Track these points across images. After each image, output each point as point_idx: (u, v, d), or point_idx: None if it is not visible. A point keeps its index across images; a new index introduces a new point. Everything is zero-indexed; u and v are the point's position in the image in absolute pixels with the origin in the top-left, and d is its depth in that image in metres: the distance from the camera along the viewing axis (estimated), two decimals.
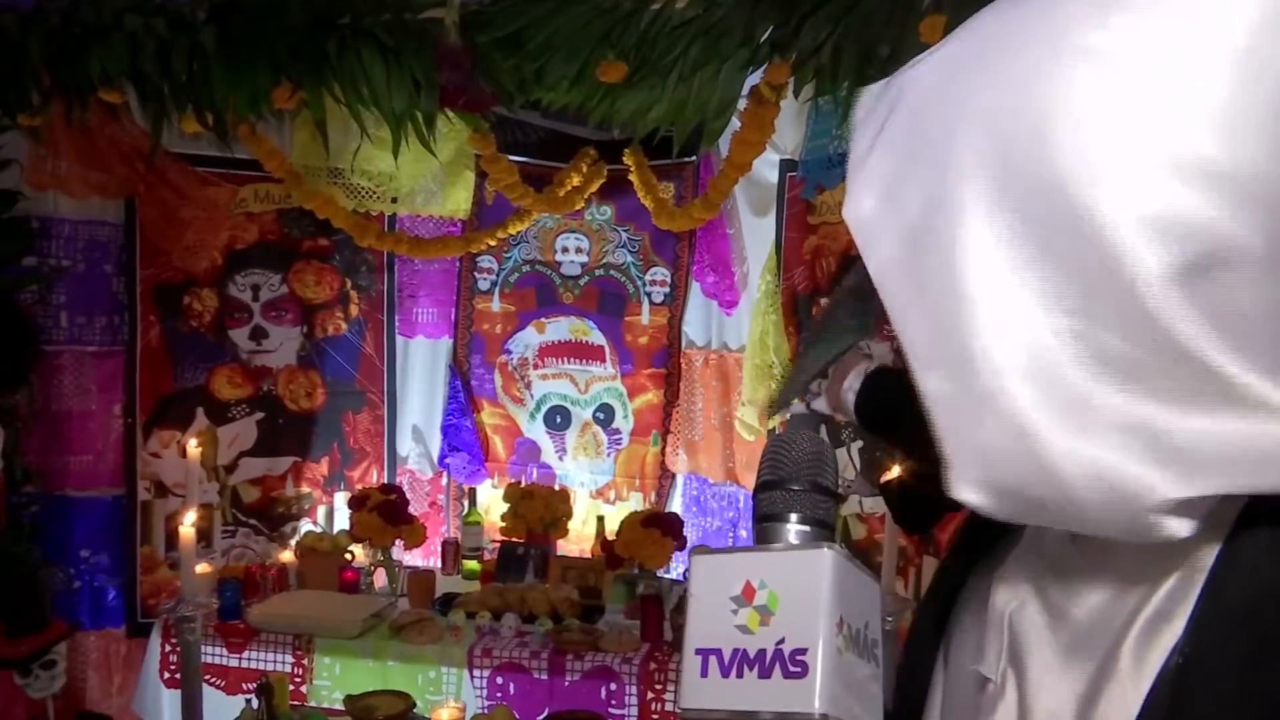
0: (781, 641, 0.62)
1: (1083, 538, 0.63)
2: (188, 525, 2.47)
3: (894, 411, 1.41)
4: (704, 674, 0.64)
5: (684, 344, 3.68)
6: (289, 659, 2.80)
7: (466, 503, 3.66)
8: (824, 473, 0.70)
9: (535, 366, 3.87)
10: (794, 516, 0.68)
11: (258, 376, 3.48)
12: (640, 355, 3.76)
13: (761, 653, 0.63)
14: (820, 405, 1.56)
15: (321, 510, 3.62)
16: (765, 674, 0.62)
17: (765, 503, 0.70)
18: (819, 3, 2.09)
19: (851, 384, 1.47)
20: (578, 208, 3.53)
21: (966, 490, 0.58)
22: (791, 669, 0.62)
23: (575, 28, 2.26)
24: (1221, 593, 0.55)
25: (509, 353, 3.87)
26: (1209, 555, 0.56)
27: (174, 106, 2.50)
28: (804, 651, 0.61)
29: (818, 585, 0.63)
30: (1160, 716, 0.55)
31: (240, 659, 2.83)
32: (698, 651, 0.65)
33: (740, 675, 0.63)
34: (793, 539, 0.68)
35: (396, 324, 3.76)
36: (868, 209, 0.60)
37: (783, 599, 0.63)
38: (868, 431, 1.55)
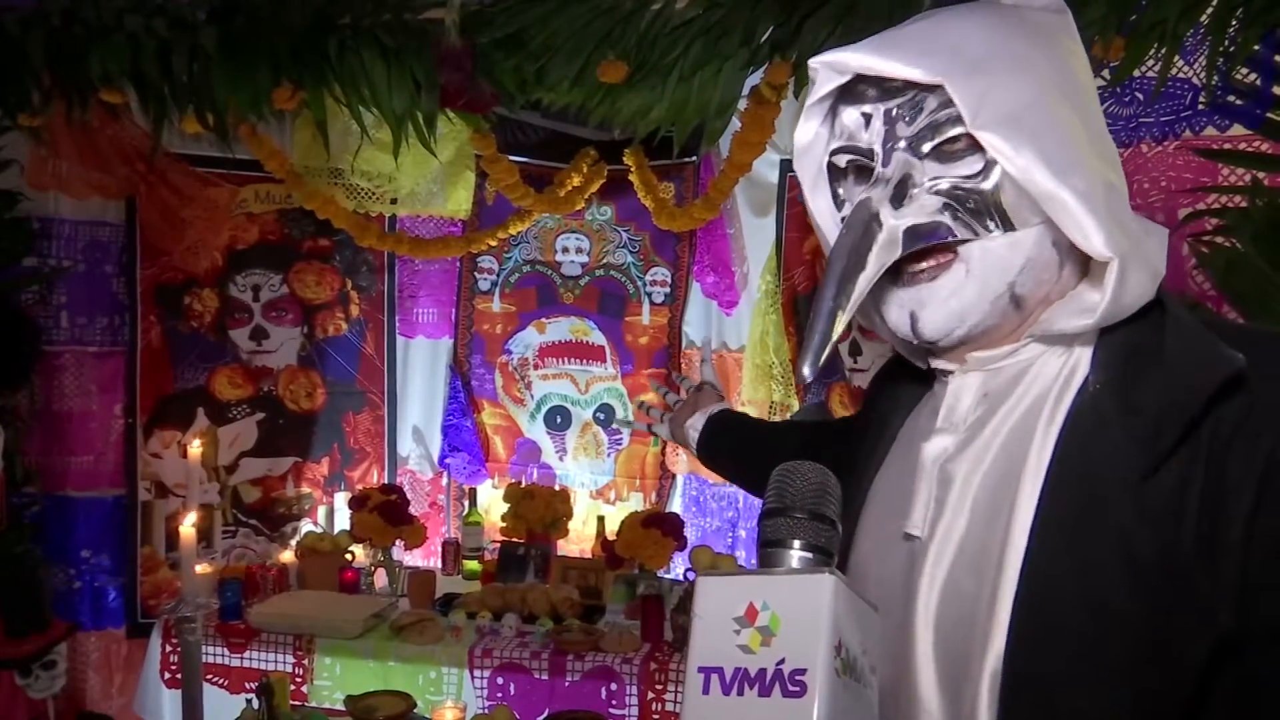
0: (782, 662, 0.65)
1: (991, 394, 0.85)
2: (188, 525, 2.47)
3: (728, 452, 1.56)
4: (706, 691, 0.66)
5: (684, 344, 3.68)
6: (290, 659, 2.80)
7: (467, 503, 3.66)
8: (826, 503, 0.73)
9: (535, 367, 3.87)
10: (797, 543, 0.72)
11: (258, 377, 3.48)
12: (641, 355, 3.76)
13: (762, 672, 0.65)
14: (695, 423, 1.63)
15: (322, 510, 3.62)
16: (765, 692, 0.65)
17: (769, 529, 0.73)
18: (819, 2, 2.09)
19: (695, 423, 1.58)
20: (578, 208, 3.53)
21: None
22: (791, 688, 0.64)
23: (576, 28, 2.26)
24: (1107, 346, 0.81)
25: (509, 353, 3.87)
26: (1091, 342, 0.82)
27: (175, 107, 2.50)
28: (803, 672, 0.64)
29: (818, 609, 0.65)
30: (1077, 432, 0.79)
31: (241, 659, 2.83)
32: (700, 669, 0.67)
33: (741, 693, 0.65)
34: (795, 564, 0.71)
35: (397, 324, 3.76)
36: None
37: (784, 621, 0.66)
38: (702, 464, 1.66)
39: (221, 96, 2.44)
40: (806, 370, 0.82)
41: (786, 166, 3.14)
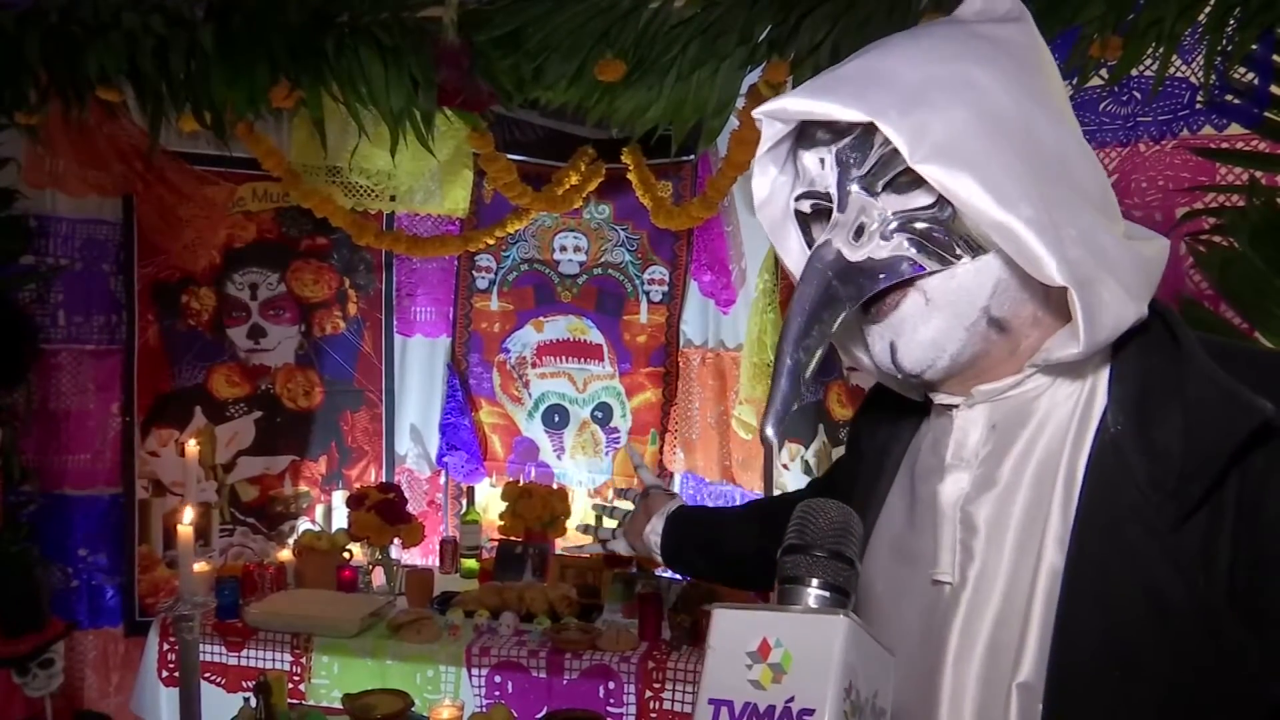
0: (791, 700, 0.65)
1: (999, 426, 0.83)
2: (186, 524, 2.46)
3: (696, 548, 1.47)
4: None
5: (681, 343, 3.69)
6: (287, 658, 2.80)
7: (465, 501, 3.66)
8: (847, 543, 0.73)
9: (533, 365, 3.87)
10: (815, 581, 0.72)
11: (256, 375, 3.48)
12: (638, 354, 3.76)
13: (771, 709, 0.65)
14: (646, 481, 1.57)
15: (320, 509, 3.62)
16: None
17: (789, 565, 0.73)
18: (817, 1, 2.09)
19: (654, 526, 1.49)
20: (576, 206, 3.53)
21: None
22: None
23: (573, 26, 2.26)
24: (1124, 381, 0.79)
25: (507, 351, 3.87)
26: (1104, 371, 0.81)
27: (172, 105, 2.49)
28: (811, 712, 0.64)
29: (830, 649, 0.65)
30: (1100, 472, 0.77)
31: (239, 657, 2.83)
32: (711, 701, 0.67)
33: None
34: (812, 603, 0.71)
35: (395, 323, 3.76)
36: None
37: (796, 659, 0.66)
38: (670, 567, 1.57)
39: (219, 94, 2.44)
40: (769, 430, 0.81)
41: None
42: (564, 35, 2.27)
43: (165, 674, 2.89)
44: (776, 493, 3.28)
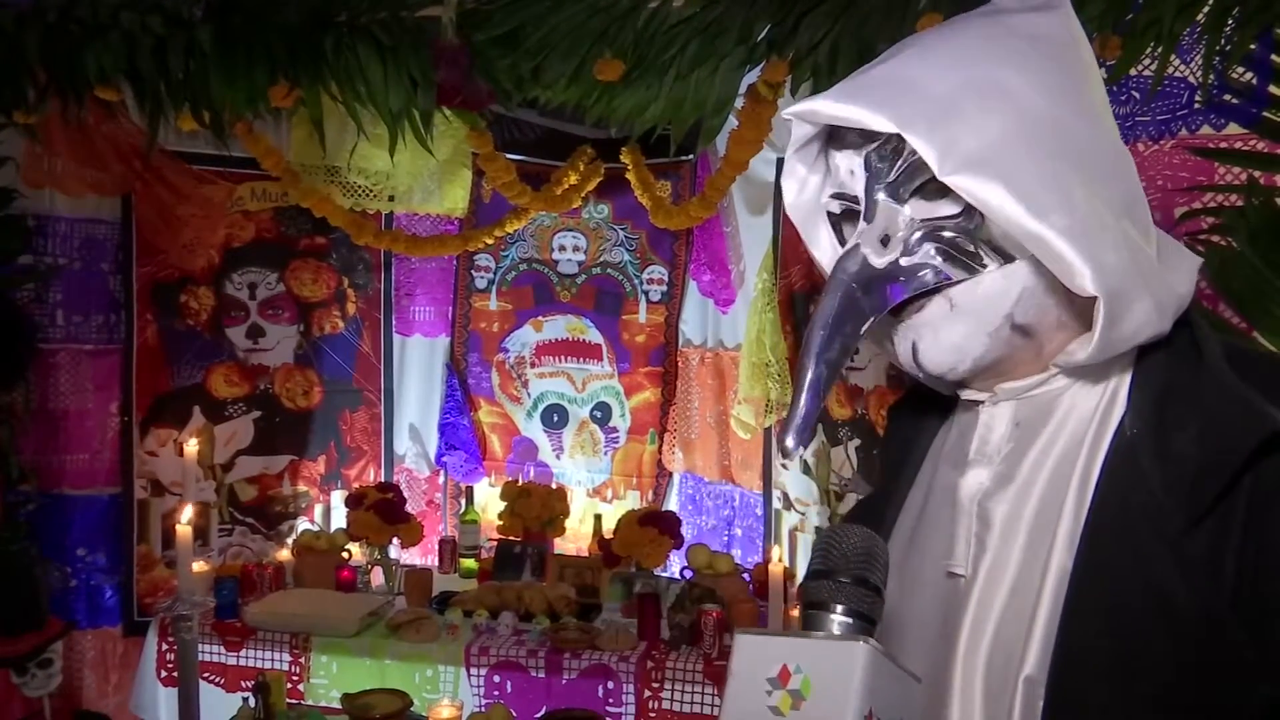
0: None
1: (1023, 424, 0.83)
2: (184, 524, 2.46)
3: None
4: None
5: (681, 342, 3.69)
6: (286, 657, 2.79)
7: (464, 501, 3.66)
8: (873, 569, 0.73)
9: (532, 365, 3.87)
10: (839, 608, 0.72)
11: (255, 375, 3.48)
12: (637, 354, 3.76)
13: None
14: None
15: (318, 509, 3.62)
16: None
17: (813, 590, 0.73)
18: (816, 1, 2.09)
19: None
20: (575, 206, 3.53)
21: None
22: None
23: (572, 25, 2.26)
24: (1144, 387, 0.79)
25: (506, 351, 3.87)
26: (1126, 376, 0.81)
27: (171, 104, 2.49)
28: None
29: (850, 677, 0.65)
30: (1117, 474, 0.77)
31: (238, 657, 2.83)
32: None
33: None
34: (834, 629, 0.71)
35: (393, 322, 3.76)
36: None
37: (816, 686, 0.66)
38: None
39: (218, 94, 2.43)
40: (790, 443, 0.80)
41: (783, 165, 3.13)
42: (563, 34, 2.27)
43: (164, 674, 2.89)
44: (775, 492, 3.28)
